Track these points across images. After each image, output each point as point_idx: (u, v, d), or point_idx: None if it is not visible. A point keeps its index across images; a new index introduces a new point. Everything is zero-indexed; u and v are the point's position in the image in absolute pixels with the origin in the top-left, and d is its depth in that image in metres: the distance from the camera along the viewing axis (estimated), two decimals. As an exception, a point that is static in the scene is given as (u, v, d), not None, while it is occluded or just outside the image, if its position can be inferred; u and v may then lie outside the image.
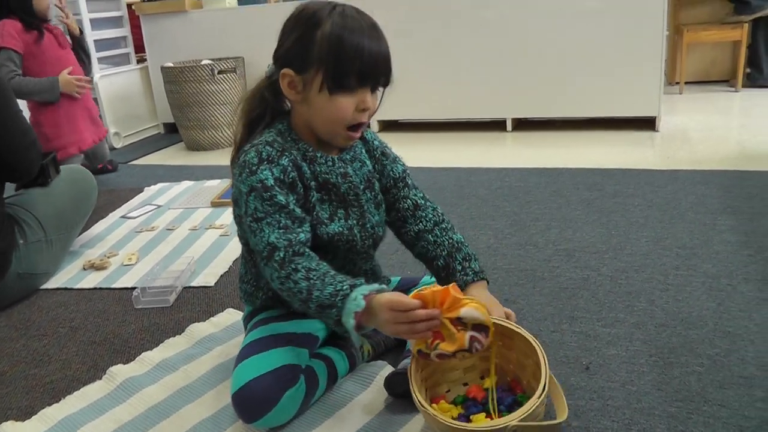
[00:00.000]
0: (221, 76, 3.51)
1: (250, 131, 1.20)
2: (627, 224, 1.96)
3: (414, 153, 3.13)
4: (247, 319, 1.30)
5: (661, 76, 3.05)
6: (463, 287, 1.16)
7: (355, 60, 1.06)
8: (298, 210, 1.11)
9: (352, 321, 1.00)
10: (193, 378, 1.32)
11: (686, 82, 4.03)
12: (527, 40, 3.21)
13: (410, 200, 1.28)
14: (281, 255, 1.07)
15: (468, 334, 0.99)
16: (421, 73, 3.43)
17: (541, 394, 0.94)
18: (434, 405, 1.06)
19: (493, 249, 1.86)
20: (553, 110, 3.35)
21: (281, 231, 1.08)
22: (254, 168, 1.10)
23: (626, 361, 1.26)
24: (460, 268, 1.20)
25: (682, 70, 4.01)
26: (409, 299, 0.99)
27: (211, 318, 1.57)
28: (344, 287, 1.03)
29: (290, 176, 1.12)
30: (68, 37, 2.99)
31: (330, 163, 1.18)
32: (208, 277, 1.81)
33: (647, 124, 3.19)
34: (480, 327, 1.00)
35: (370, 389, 1.22)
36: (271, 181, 1.09)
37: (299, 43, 1.09)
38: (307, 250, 1.10)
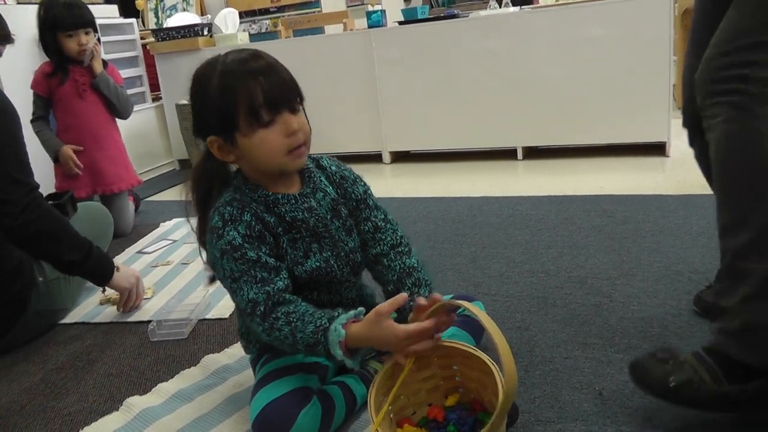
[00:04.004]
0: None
1: (204, 207, 1.21)
2: (639, 250, 1.95)
3: (426, 183, 3.16)
4: (254, 362, 1.31)
5: (670, 101, 3.06)
6: (408, 312, 1.12)
7: (253, 96, 1.07)
8: (271, 260, 1.13)
9: (339, 351, 1.04)
10: (208, 408, 1.33)
11: (696, 108, 4.04)
12: (535, 70, 3.25)
13: (371, 222, 1.27)
14: (262, 309, 1.10)
15: None
16: (432, 104, 3.47)
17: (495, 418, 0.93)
18: (399, 430, 1.07)
19: (506, 277, 1.87)
20: (563, 138, 3.37)
21: (259, 285, 1.11)
22: (220, 231, 1.13)
23: (640, 386, 1.26)
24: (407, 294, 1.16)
25: (692, 96, 4.01)
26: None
27: (226, 349, 1.59)
28: (323, 322, 1.07)
29: (256, 230, 1.13)
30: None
31: (293, 201, 1.18)
32: (222, 310, 1.83)
33: (657, 149, 3.20)
34: None
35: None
36: (239, 240, 1.12)
37: (201, 109, 1.14)
38: (287, 296, 1.12)
